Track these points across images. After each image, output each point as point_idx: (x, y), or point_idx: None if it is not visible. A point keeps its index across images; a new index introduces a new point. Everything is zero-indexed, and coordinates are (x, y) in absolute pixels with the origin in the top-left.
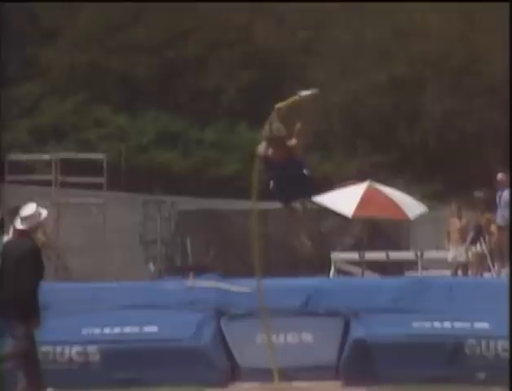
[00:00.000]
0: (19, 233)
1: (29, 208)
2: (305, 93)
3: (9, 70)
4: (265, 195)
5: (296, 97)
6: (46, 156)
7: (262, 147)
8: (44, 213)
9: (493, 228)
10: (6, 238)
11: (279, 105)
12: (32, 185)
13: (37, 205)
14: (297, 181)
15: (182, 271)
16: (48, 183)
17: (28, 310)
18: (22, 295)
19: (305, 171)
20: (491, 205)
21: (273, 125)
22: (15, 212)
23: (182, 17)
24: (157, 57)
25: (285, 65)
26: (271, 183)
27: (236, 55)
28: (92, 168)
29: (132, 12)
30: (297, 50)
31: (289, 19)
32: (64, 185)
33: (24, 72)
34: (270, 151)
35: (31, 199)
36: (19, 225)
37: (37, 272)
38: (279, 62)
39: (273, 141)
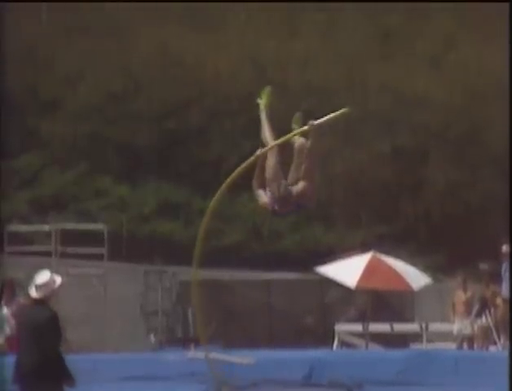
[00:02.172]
0: (34, 301)
1: (44, 276)
2: (318, 121)
3: (9, 141)
4: (268, 265)
5: (305, 128)
6: (45, 227)
7: (264, 199)
8: (58, 280)
9: (499, 301)
10: (5, 309)
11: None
12: (31, 256)
13: (51, 273)
14: None
15: (183, 343)
16: (48, 254)
17: (60, 373)
18: (50, 360)
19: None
20: (496, 278)
21: (281, 186)
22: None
23: (183, 86)
24: (158, 127)
25: (288, 133)
26: None
27: (238, 125)
28: (93, 238)
29: (133, 82)
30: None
31: (292, 88)
32: (64, 256)
33: (24, 143)
34: (276, 206)
35: (30, 271)
36: (33, 293)
37: (60, 337)
38: (282, 131)
39: (281, 200)
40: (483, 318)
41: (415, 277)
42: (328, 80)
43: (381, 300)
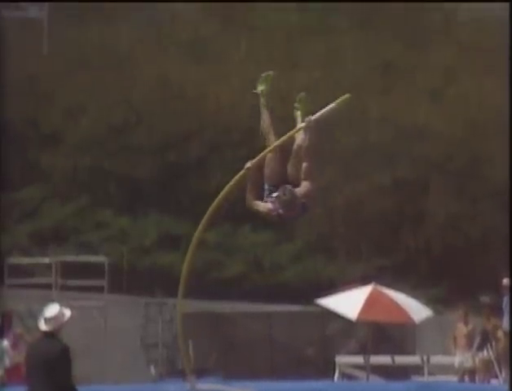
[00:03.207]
0: (44, 334)
1: (53, 309)
2: (315, 116)
3: (10, 174)
4: (269, 297)
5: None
6: (46, 260)
7: (267, 206)
8: (68, 313)
9: (500, 334)
10: (5, 341)
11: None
12: (32, 288)
13: (60, 306)
14: None
15: (183, 374)
16: (48, 287)
17: None
18: None
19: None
20: (497, 311)
21: (286, 190)
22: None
23: (184, 119)
24: (159, 159)
25: None
26: None
27: (239, 156)
28: (93, 270)
29: (134, 114)
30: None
31: (292, 121)
32: (64, 288)
33: (24, 176)
34: (282, 211)
35: (31, 303)
36: (43, 326)
37: (70, 370)
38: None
39: (287, 204)
40: (485, 352)
41: (416, 309)
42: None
43: (382, 333)
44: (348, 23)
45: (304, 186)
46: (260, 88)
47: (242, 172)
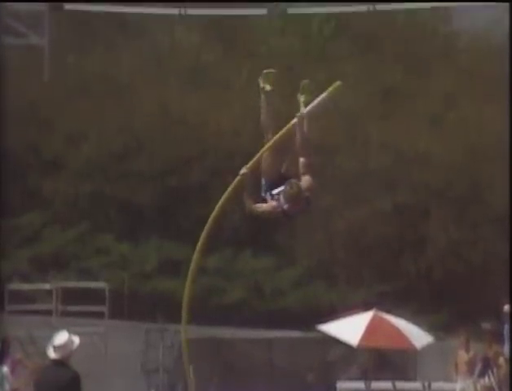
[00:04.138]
0: (53, 362)
1: (62, 337)
2: (307, 109)
3: (10, 200)
4: (270, 323)
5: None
6: (46, 286)
7: (270, 204)
8: (76, 341)
9: (501, 361)
10: (4, 367)
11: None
12: (32, 314)
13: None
14: None
15: None
16: (49, 312)
17: None
18: None
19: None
20: (498, 337)
21: (293, 184)
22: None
23: (185, 144)
24: (160, 185)
25: None
26: None
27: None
28: (94, 296)
29: (135, 141)
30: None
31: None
32: (64, 314)
33: (25, 202)
34: (287, 206)
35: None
36: (52, 354)
37: None
38: None
39: (293, 198)
40: (486, 378)
41: (417, 336)
42: (329, 137)
43: (383, 359)
44: (349, 49)
45: (306, 180)
46: (262, 85)
47: (238, 178)
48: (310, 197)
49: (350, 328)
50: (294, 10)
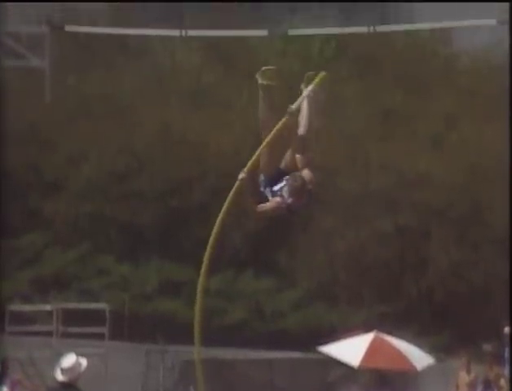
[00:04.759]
0: (61, 384)
1: (70, 360)
2: (295, 104)
3: (11, 221)
4: (270, 344)
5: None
6: (47, 307)
7: (275, 200)
8: (84, 363)
9: (502, 382)
10: (4, 389)
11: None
12: (32, 335)
13: (77, 356)
14: None
15: None
16: (49, 333)
17: None
18: None
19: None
20: (499, 359)
21: (297, 177)
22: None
23: (185, 165)
24: (161, 205)
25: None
26: None
27: (241, 202)
28: (94, 317)
29: (135, 161)
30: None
31: None
32: (65, 335)
33: (26, 222)
34: (291, 200)
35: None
36: (59, 376)
37: None
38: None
39: (297, 191)
40: None
41: (418, 357)
42: (330, 159)
43: (384, 380)
44: (349, 71)
45: (306, 173)
46: (261, 81)
47: (238, 183)
48: (312, 190)
49: (351, 349)
50: (295, 31)
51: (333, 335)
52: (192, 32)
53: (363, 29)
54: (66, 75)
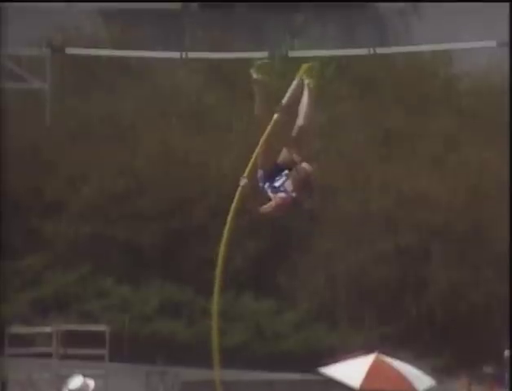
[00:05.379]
0: None
1: (77, 381)
2: (284, 100)
3: (11, 242)
4: (271, 365)
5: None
6: (47, 329)
7: (280, 196)
8: (91, 384)
9: None
10: None
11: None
12: (32, 357)
13: (84, 377)
14: None
15: None
16: (49, 355)
17: None
18: None
19: None
20: (500, 381)
21: (300, 169)
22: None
23: (186, 185)
24: (161, 226)
25: (292, 234)
26: None
27: (242, 224)
28: (94, 339)
29: (136, 182)
30: (304, 219)
31: None
32: (65, 357)
33: (26, 244)
34: (296, 193)
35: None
36: None
37: None
38: (286, 231)
39: (304, 181)
40: None
41: (419, 379)
42: (330, 179)
43: None
44: (349, 91)
45: (307, 165)
46: (255, 76)
47: (240, 189)
48: (314, 182)
49: (351, 371)
50: (295, 53)
51: (334, 356)
52: (193, 55)
53: (363, 51)
54: (67, 97)
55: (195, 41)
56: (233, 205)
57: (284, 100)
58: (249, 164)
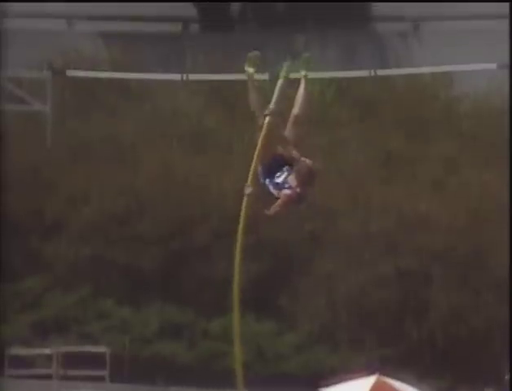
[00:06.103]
0: None
1: None
2: (272, 103)
3: (11, 264)
4: (272, 387)
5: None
6: (46, 350)
7: (286, 193)
8: None
9: None
10: None
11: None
12: (32, 379)
13: None
14: None
15: None
16: (49, 377)
17: None
18: None
19: None
20: None
21: (303, 163)
22: None
23: (187, 207)
24: (162, 247)
25: (293, 256)
26: None
27: (244, 246)
28: (94, 360)
29: (136, 203)
30: (305, 241)
31: (296, 209)
32: (64, 378)
33: (26, 266)
34: (300, 189)
35: None
36: None
37: None
38: (287, 253)
39: (308, 175)
40: None
41: None
42: (330, 201)
43: None
44: (349, 114)
45: (307, 160)
46: (248, 69)
47: (246, 198)
48: (316, 175)
49: None
50: (296, 75)
51: (335, 378)
52: (193, 77)
53: (364, 73)
54: (67, 119)
55: (195, 63)
56: (242, 214)
57: (272, 103)
58: (251, 172)
